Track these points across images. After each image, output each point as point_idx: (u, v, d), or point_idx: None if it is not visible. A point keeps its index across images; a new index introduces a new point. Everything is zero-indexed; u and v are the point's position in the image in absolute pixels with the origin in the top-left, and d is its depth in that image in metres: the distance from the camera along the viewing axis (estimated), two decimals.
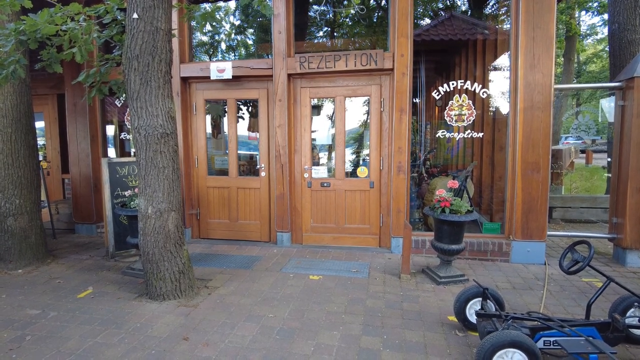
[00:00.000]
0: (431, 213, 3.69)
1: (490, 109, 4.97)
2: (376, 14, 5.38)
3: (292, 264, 4.23)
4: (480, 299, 2.68)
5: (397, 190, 4.50)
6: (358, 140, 5.16)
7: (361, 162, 5.08)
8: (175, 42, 4.92)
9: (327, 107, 5.12)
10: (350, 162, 5.12)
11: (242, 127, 6.24)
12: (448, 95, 4.58)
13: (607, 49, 20.02)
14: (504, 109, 4.68)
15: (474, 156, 5.42)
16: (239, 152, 6.14)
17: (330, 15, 5.39)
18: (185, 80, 5.12)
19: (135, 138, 3.13)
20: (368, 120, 4.74)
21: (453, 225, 3.62)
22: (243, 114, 6.75)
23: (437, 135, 4.64)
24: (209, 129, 5.94)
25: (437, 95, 4.54)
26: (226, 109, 5.16)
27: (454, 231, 3.65)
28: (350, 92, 4.73)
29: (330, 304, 3.25)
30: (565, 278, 3.82)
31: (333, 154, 4.89)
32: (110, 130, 5.88)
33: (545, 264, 4.23)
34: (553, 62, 4.13)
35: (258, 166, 5.04)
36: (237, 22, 5.56)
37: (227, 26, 5.33)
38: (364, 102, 4.92)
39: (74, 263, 4.37)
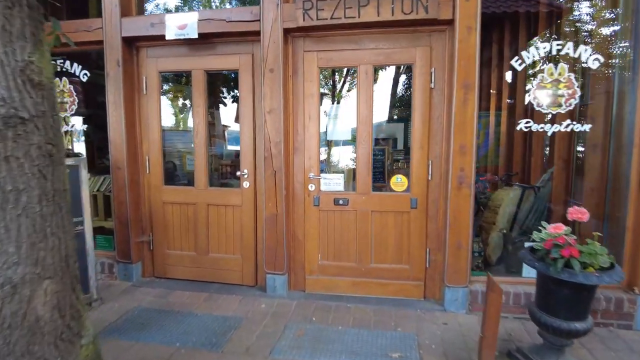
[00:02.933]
0: (543, 269, 2.05)
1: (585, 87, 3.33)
2: None
3: (290, 338, 2.58)
4: None
5: (456, 212, 2.86)
6: (393, 133, 3.48)
7: (397, 167, 3.41)
8: None
9: (346, 84, 3.44)
10: (381, 167, 3.44)
11: (222, 115, 4.62)
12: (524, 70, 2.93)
13: None
14: (609, 87, 3.05)
15: (532, 157, 3.72)
16: (221, 149, 4.52)
17: None
18: (130, 43, 3.41)
19: None
20: (410, 103, 3.06)
21: (581, 290, 2.01)
22: (224, 96, 5.10)
23: (518, 128, 2.98)
24: (170, 119, 4.27)
25: (520, 64, 2.89)
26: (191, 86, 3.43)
27: (581, 299, 2.04)
28: (383, 58, 3.04)
29: None
30: None
31: (353, 155, 3.22)
32: (76, 120, 3.92)
33: None
34: None
35: (239, 172, 3.36)
36: None
37: None
38: (404, 75, 3.24)
39: None
